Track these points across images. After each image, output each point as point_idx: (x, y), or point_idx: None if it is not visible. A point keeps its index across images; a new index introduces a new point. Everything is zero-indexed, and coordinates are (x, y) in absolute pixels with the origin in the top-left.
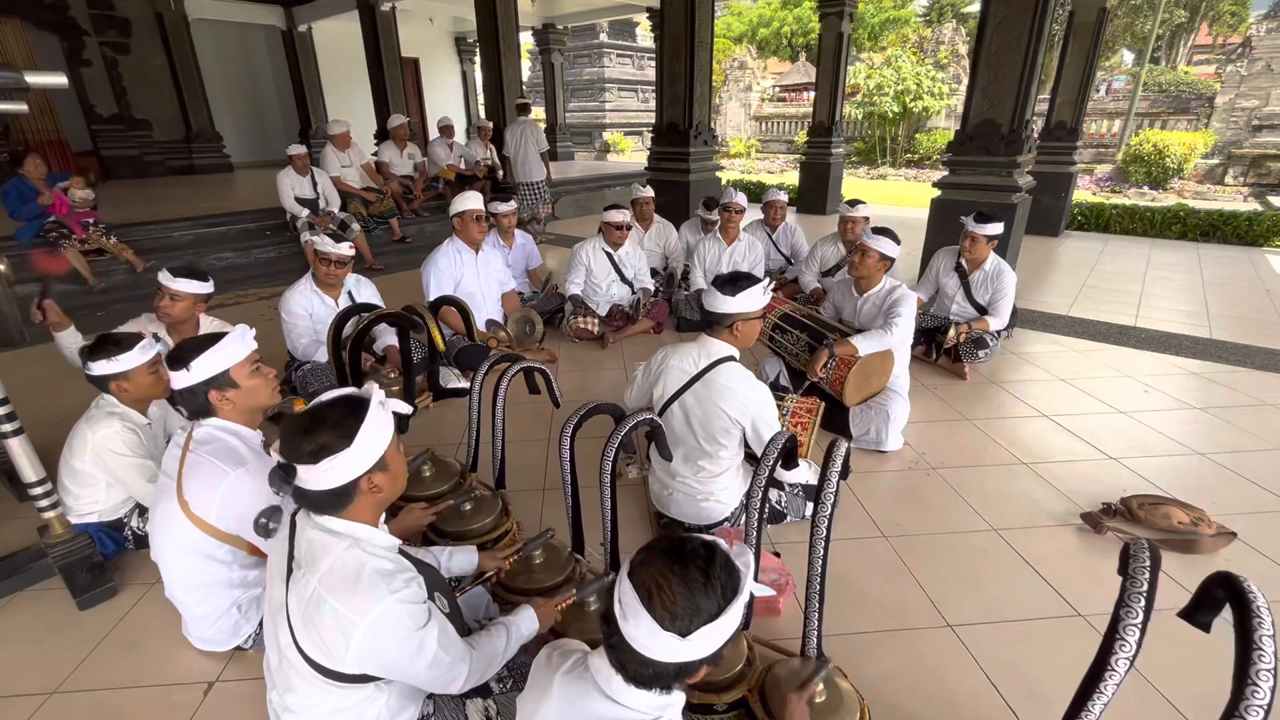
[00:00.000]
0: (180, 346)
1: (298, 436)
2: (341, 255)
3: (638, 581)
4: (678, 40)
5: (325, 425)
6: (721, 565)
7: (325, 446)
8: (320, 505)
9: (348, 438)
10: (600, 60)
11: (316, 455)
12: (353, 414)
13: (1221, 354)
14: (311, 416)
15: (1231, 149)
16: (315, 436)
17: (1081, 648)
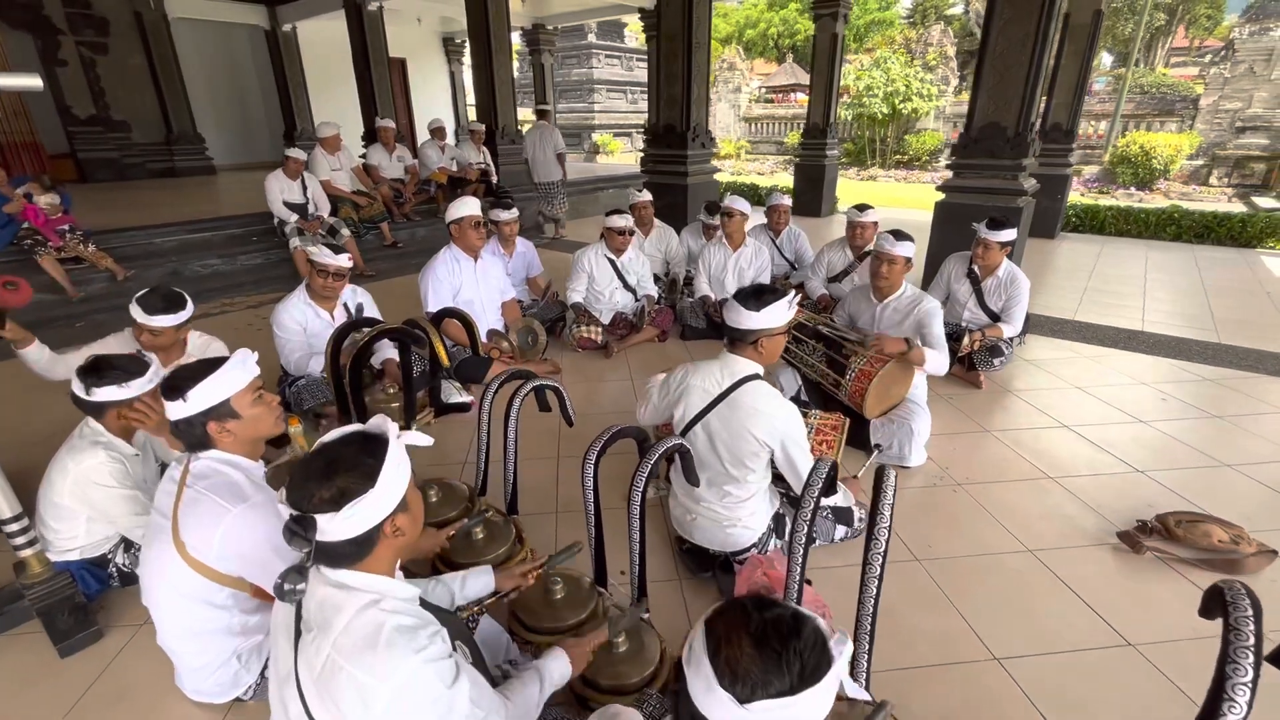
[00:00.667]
0: (176, 374)
1: (314, 482)
2: (339, 267)
3: (711, 628)
4: (674, 41)
5: (342, 467)
6: (808, 643)
7: (346, 490)
8: (339, 557)
9: (370, 478)
10: (589, 61)
11: (338, 501)
12: (371, 452)
13: (1232, 359)
14: (325, 459)
15: (1216, 150)
16: (333, 480)
17: (1137, 681)
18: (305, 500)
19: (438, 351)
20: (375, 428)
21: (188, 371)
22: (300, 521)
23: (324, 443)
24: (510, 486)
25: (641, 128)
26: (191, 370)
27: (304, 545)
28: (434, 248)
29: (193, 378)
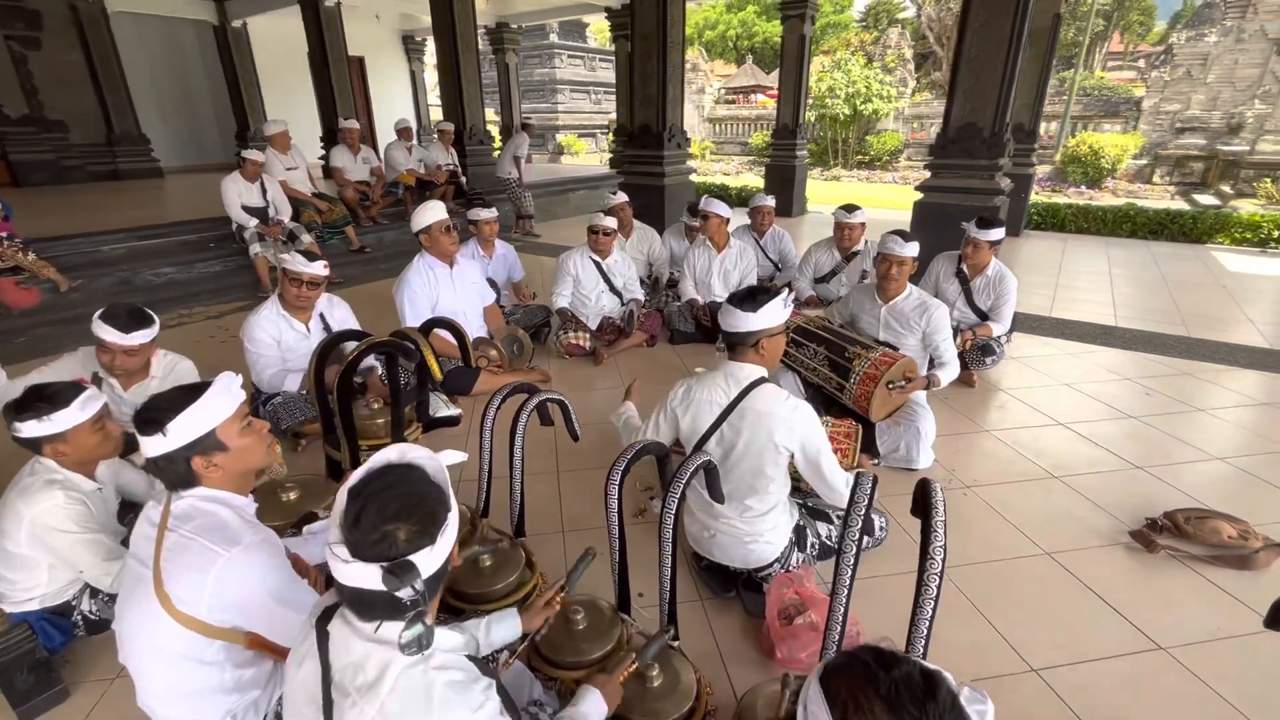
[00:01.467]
0: (152, 405)
1: (390, 521)
2: (315, 275)
3: (832, 690)
4: (649, 40)
5: (414, 496)
6: (945, 705)
7: (432, 518)
8: (375, 607)
9: (445, 503)
10: (551, 61)
11: (430, 532)
12: (423, 479)
13: (1205, 353)
14: (390, 493)
15: (1158, 150)
16: (413, 512)
17: (1173, 687)
18: (388, 544)
19: (430, 364)
20: (418, 458)
21: (164, 401)
22: (400, 570)
23: (366, 479)
24: (517, 508)
25: (606, 128)
26: (168, 400)
27: (410, 588)
28: (403, 252)
29: (171, 408)
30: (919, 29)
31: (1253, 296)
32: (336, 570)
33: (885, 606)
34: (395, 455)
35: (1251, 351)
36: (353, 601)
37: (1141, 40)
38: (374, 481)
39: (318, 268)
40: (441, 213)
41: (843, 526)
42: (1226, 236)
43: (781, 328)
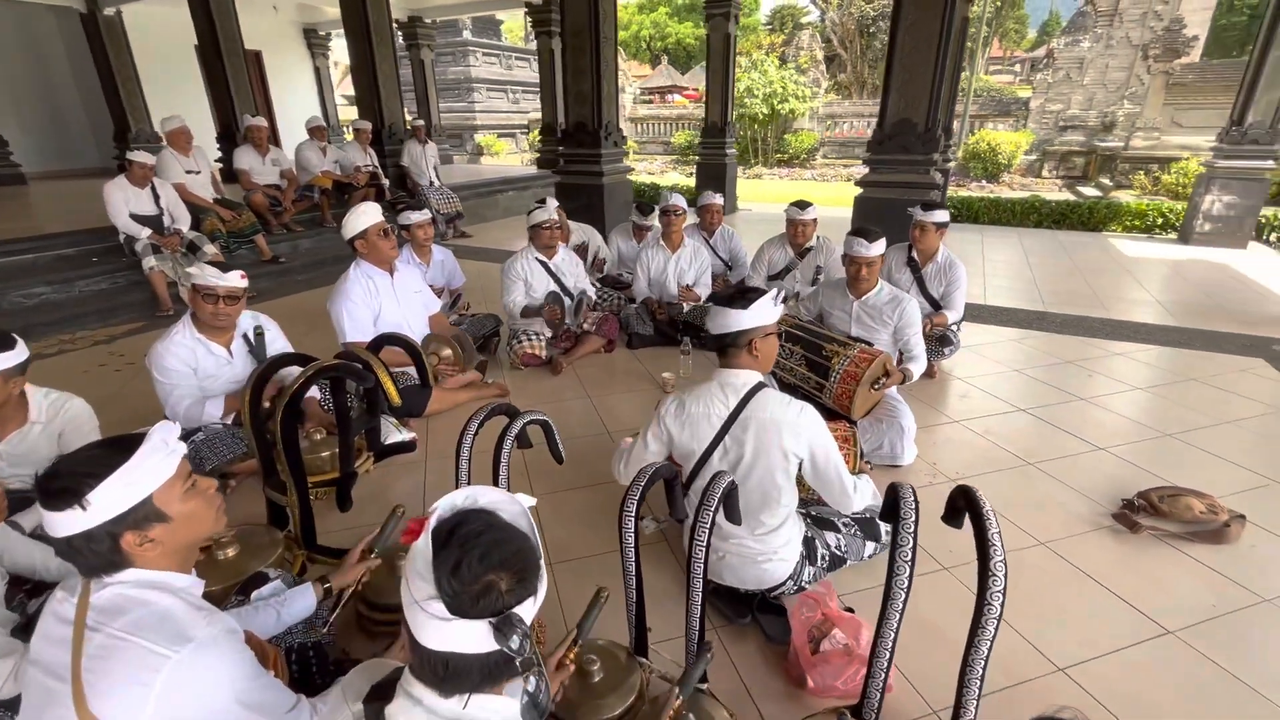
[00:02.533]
0: (63, 469)
1: (491, 570)
2: (231, 289)
3: None
4: (581, 35)
5: (510, 547)
6: None
7: (529, 565)
8: (494, 675)
9: (537, 549)
10: (465, 59)
11: (530, 580)
12: (512, 524)
13: (1128, 333)
14: (492, 543)
15: (1045, 147)
16: (511, 564)
17: (1188, 669)
18: (493, 596)
19: (386, 387)
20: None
21: (81, 463)
22: (507, 625)
23: (454, 523)
24: None
25: (526, 128)
26: (87, 461)
27: (525, 655)
28: (322, 262)
29: (92, 472)
30: (824, 33)
31: (1153, 278)
32: (427, 633)
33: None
34: (465, 500)
35: (1167, 330)
36: (439, 672)
37: (1017, 46)
38: (462, 528)
39: (234, 279)
40: (377, 215)
41: (892, 546)
42: (1119, 224)
43: (774, 327)
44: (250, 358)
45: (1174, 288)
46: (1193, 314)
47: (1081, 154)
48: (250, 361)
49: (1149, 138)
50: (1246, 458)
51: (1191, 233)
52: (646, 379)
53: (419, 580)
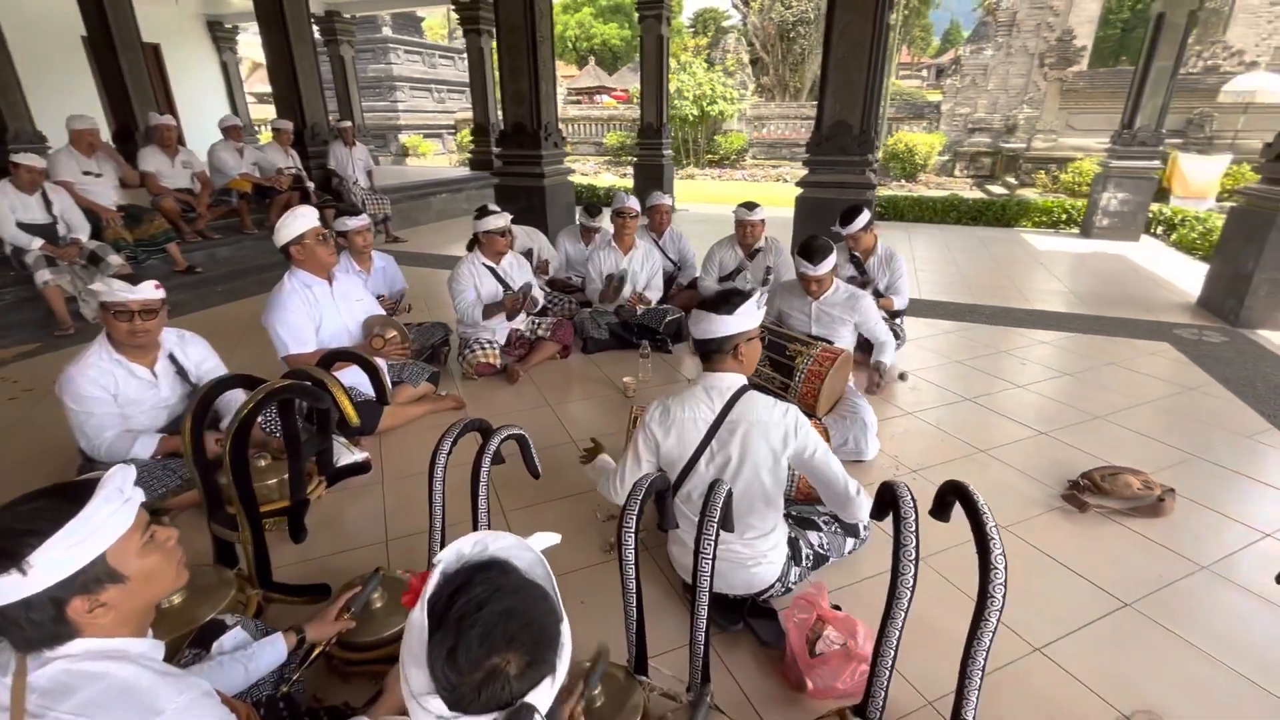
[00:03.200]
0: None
1: (496, 651)
2: (146, 301)
3: None
4: (517, 33)
5: (521, 619)
6: None
7: (545, 637)
8: None
9: (558, 611)
10: (386, 56)
11: (548, 659)
12: (528, 582)
13: (1050, 322)
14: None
15: (956, 148)
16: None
17: (1149, 639)
18: (499, 683)
19: (344, 406)
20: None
21: (17, 520)
22: (522, 715)
23: (453, 590)
24: None
25: (453, 128)
26: (24, 517)
27: None
28: (243, 271)
29: (33, 529)
30: (746, 36)
31: (1063, 270)
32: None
33: None
34: (473, 548)
35: (1083, 319)
36: None
37: (924, 53)
38: (460, 596)
39: (146, 291)
40: (314, 219)
41: (896, 546)
42: (1029, 220)
43: (758, 330)
44: (178, 379)
45: (1082, 278)
46: (1102, 302)
47: (988, 154)
48: (178, 383)
49: (1048, 139)
50: (1167, 435)
51: (1092, 227)
52: (606, 384)
53: (414, 668)
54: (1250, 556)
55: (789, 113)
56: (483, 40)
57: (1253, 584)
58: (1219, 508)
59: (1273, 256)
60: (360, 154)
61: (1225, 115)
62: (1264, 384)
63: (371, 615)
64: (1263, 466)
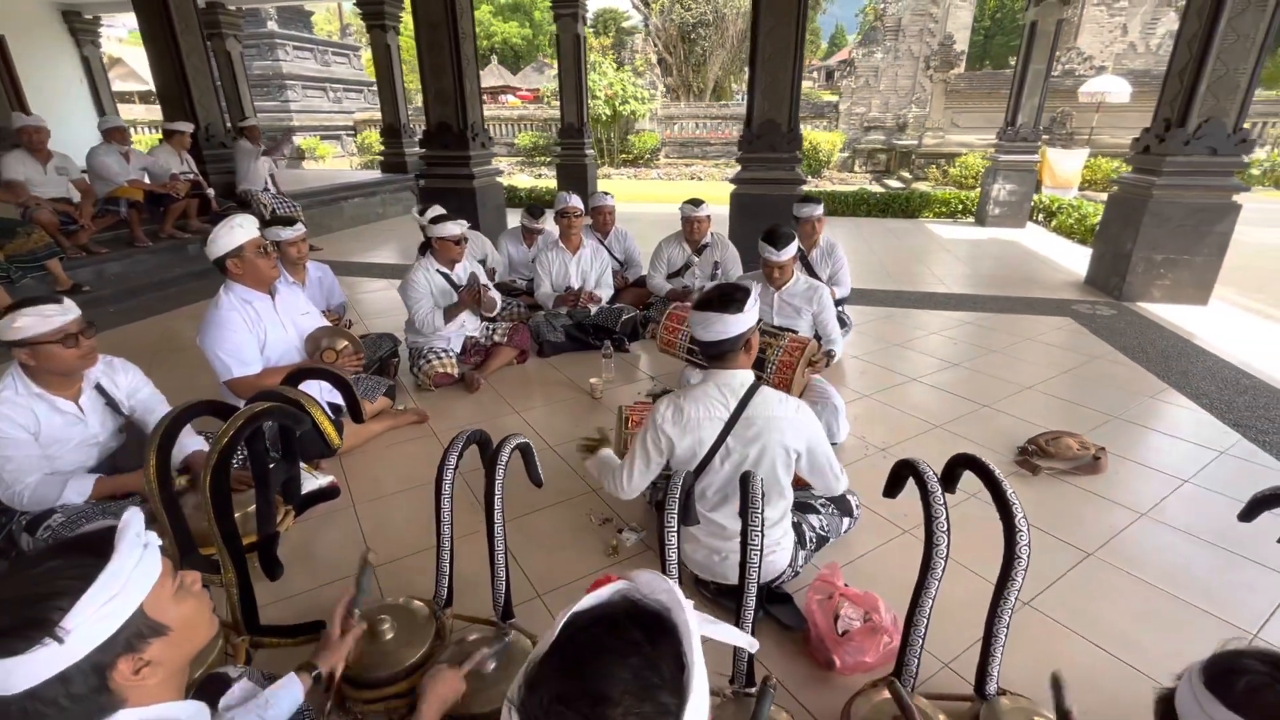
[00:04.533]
0: (9, 599)
1: (625, 692)
2: (63, 327)
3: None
4: (438, 30)
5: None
6: None
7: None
8: None
9: (683, 661)
10: (273, 53)
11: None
12: (654, 621)
13: (968, 304)
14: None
15: (854, 145)
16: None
17: (1114, 582)
18: None
19: (324, 427)
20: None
21: (35, 584)
22: None
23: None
24: (504, 588)
25: (352, 129)
26: (41, 580)
27: None
28: (138, 288)
29: (58, 591)
30: (648, 37)
31: (967, 256)
32: None
33: (888, 581)
34: (614, 596)
35: (996, 299)
36: None
37: (814, 55)
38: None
39: (63, 314)
40: (254, 229)
41: (927, 519)
42: (930, 211)
43: (757, 324)
44: (108, 412)
45: (985, 263)
46: (1007, 284)
47: (883, 151)
48: (108, 416)
49: (936, 136)
50: (1087, 399)
51: (986, 216)
52: (569, 386)
53: (520, 675)
54: (1177, 501)
55: (698, 113)
56: (389, 36)
57: (1186, 525)
58: (1144, 461)
59: (1147, 237)
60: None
61: (1082, 114)
62: (1153, 350)
63: (382, 648)
64: (1170, 422)
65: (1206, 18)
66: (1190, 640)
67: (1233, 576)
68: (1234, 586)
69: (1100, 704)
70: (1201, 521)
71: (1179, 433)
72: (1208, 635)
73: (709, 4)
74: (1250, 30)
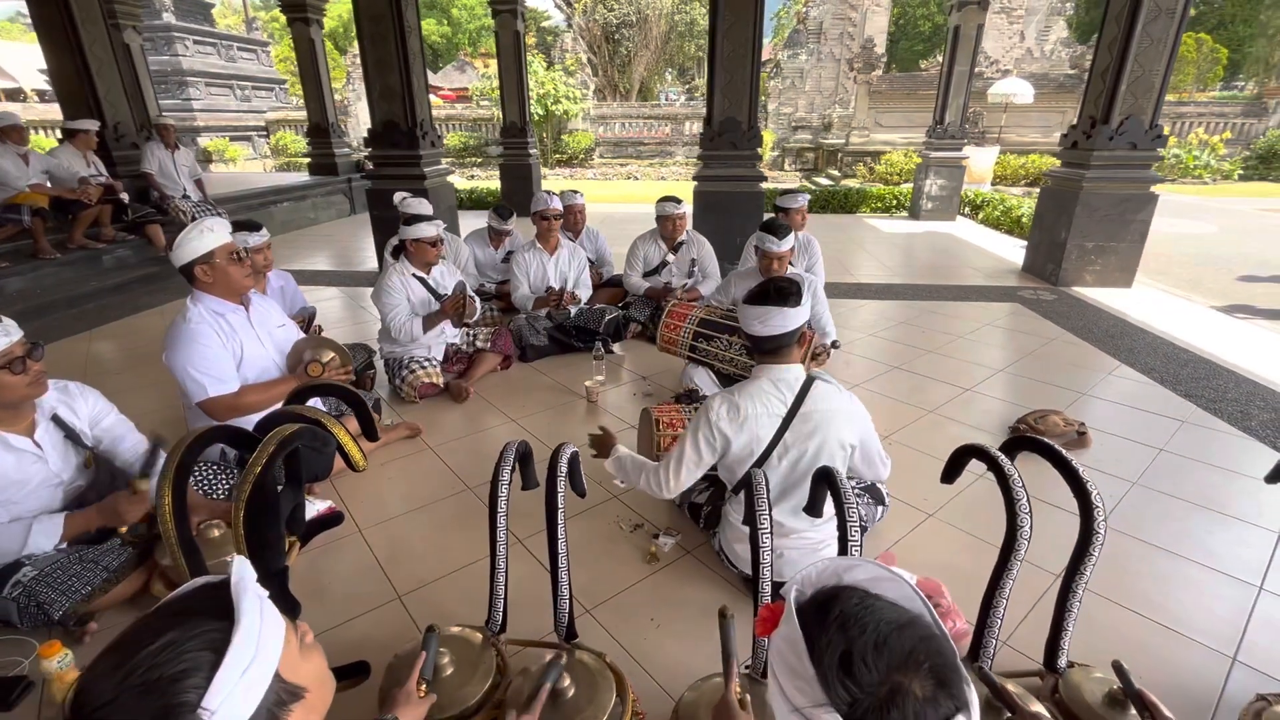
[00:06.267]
0: (134, 684)
1: (903, 670)
2: (6, 350)
3: None
4: (382, 22)
5: (917, 640)
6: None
7: (951, 670)
8: None
9: (953, 648)
10: (171, 47)
11: (958, 695)
12: (909, 612)
13: (922, 294)
14: (885, 633)
15: (784, 144)
16: (920, 664)
17: (1124, 547)
18: (905, 705)
19: (348, 448)
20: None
21: (158, 664)
22: None
23: (824, 601)
24: (567, 607)
25: (264, 130)
26: (165, 658)
27: None
28: (47, 305)
29: (189, 668)
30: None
31: (910, 248)
32: None
33: (925, 566)
34: (821, 575)
35: (949, 288)
36: None
37: None
38: (833, 607)
39: (14, 327)
40: (226, 234)
41: (1008, 501)
42: (868, 206)
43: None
44: (68, 445)
45: (928, 255)
46: (953, 274)
47: (811, 150)
48: (69, 451)
49: (861, 135)
50: (1055, 378)
51: (920, 210)
52: (560, 390)
53: (794, 680)
54: (1159, 468)
55: (631, 112)
56: (312, 30)
57: (1173, 490)
58: (1121, 434)
59: (1080, 227)
60: (185, 158)
61: (991, 113)
62: (1099, 330)
63: (442, 687)
64: (1131, 395)
65: (1124, 23)
66: (1208, 597)
67: (1225, 535)
68: (1229, 543)
69: (1147, 668)
70: (1186, 487)
71: (1142, 405)
72: (1222, 592)
73: (631, 4)
74: (1162, 35)
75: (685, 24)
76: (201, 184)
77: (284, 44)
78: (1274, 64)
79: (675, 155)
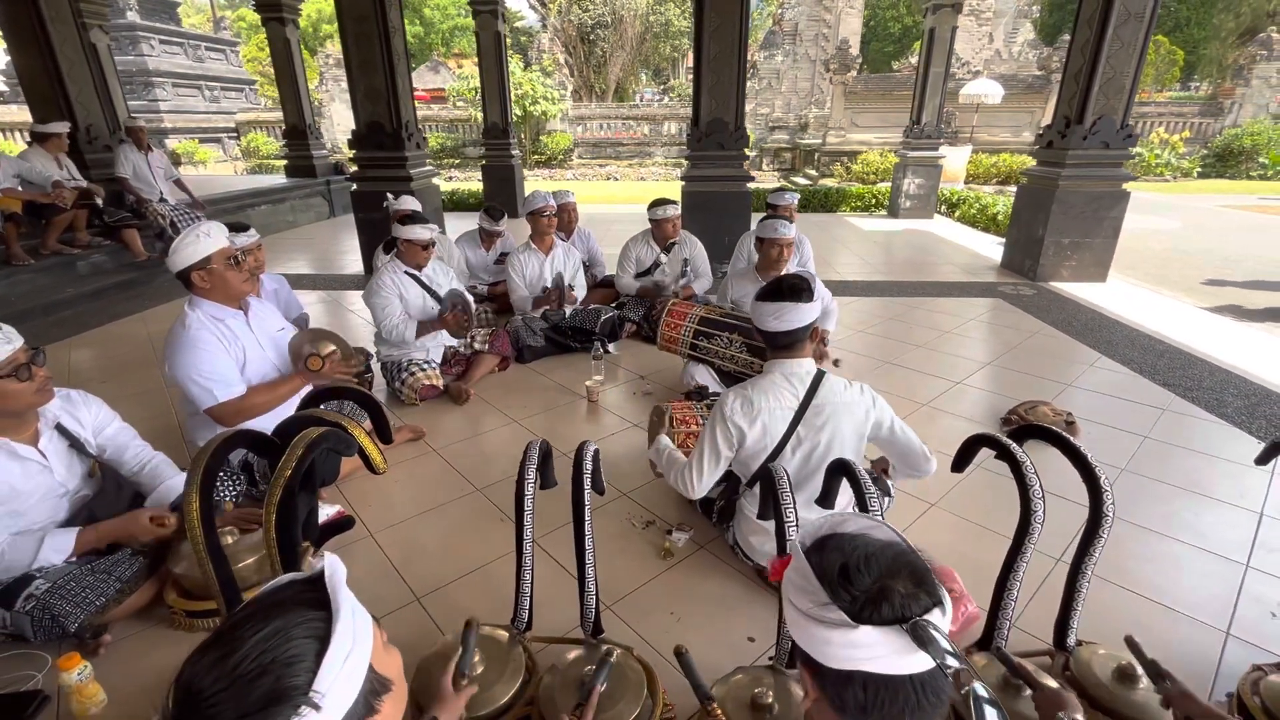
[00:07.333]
0: (245, 673)
1: (889, 575)
2: (11, 358)
3: None
4: (366, 23)
5: (894, 554)
6: None
7: (924, 575)
8: None
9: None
10: (137, 47)
11: (932, 592)
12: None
13: (905, 291)
14: (872, 551)
15: (761, 145)
16: (899, 571)
17: (1122, 531)
18: (894, 600)
19: (370, 452)
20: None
21: (266, 649)
22: (922, 631)
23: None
24: (594, 603)
25: (234, 132)
26: (271, 644)
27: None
28: (25, 313)
29: (296, 654)
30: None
31: (891, 246)
32: (830, 649)
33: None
34: (825, 528)
35: (932, 285)
36: (858, 699)
37: None
38: (831, 541)
39: (15, 335)
40: (223, 238)
41: (1022, 488)
42: (848, 205)
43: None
44: (73, 454)
45: (909, 252)
46: (935, 270)
47: (789, 150)
48: (75, 460)
49: (838, 135)
50: (1040, 370)
51: (898, 209)
52: (560, 390)
53: (803, 595)
54: (1146, 455)
55: (609, 113)
56: (288, 30)
57: (1160, 476)
58: (1106, 422)
59: (1056, 224)
60: (159, 161)
61: (964, 113)
62: (1078, 323)
63: (473, 684)
64: (1113, 385)
65: (1096, 27)
66: (1199, 575)
67: (1212, 516)
68: (1216, 524)
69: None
70: (1171, 472)
71: (1124, 395)
72: (1214, 571)
73: (606, 5)
74: (1132, 38)
75: (660, 25)
76: (181, 183)
77: (253, 44)
78: (1227, 65)
79: (654, 155)
